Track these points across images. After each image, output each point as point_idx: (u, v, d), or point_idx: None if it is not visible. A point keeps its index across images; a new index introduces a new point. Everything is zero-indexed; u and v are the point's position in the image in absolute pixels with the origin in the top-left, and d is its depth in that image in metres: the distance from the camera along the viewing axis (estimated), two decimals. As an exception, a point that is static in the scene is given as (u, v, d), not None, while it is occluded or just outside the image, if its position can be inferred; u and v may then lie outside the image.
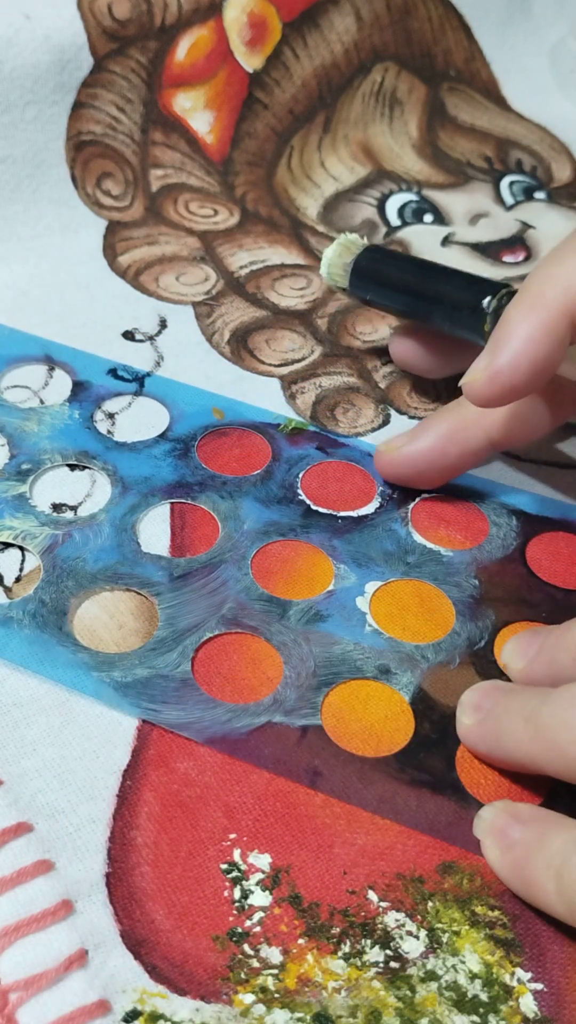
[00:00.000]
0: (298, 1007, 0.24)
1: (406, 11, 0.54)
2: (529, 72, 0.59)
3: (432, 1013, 0.25)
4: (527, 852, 0.26)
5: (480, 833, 0.27)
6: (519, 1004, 0.25)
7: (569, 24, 0.61)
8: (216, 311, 0.44)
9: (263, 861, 0.27)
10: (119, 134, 0.49)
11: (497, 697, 0.29)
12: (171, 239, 0.48)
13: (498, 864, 0.27)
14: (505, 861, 0.26)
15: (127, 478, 0.36)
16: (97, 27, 0.47)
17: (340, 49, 0.53)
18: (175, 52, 0.49)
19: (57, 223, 0.47)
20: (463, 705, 0.29)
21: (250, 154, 0.51)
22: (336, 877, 0.27)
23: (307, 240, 0.49)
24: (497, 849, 0.27)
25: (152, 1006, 0.24)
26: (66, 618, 0.32)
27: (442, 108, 0.56)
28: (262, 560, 0.34)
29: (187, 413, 0.39)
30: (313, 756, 0.29)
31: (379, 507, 0.36)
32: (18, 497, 0.35)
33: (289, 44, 0.52)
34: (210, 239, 0.48)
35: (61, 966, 0.25)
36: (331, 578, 0.34)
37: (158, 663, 0.31)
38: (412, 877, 0.27)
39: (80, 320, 0.43)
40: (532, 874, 0.26)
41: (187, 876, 0.27)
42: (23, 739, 0.29)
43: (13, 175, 0.46)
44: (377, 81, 0.54)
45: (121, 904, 0.26)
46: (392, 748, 0.30)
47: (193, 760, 0.29)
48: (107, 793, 0.28)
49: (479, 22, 0.57)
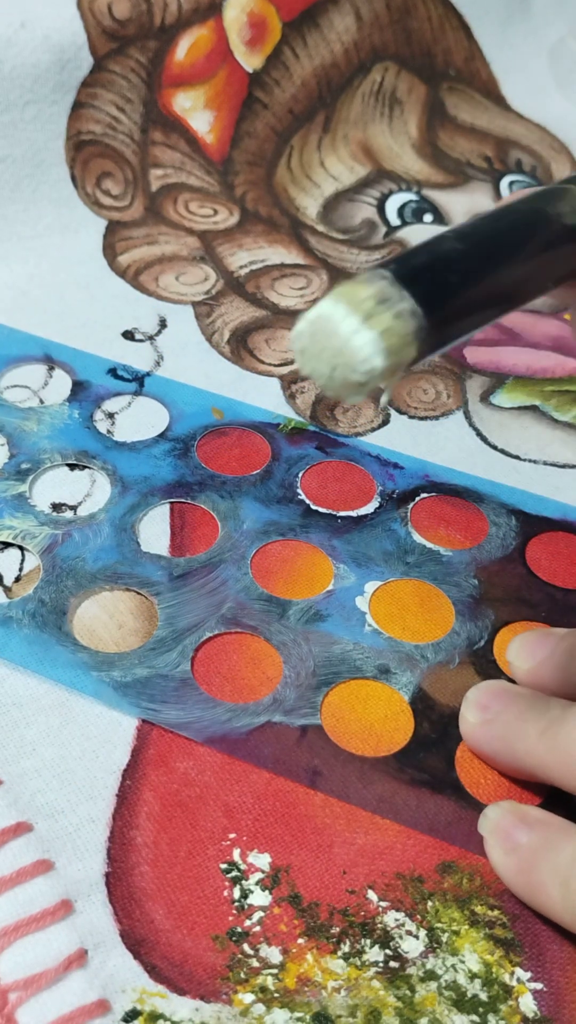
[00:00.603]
0: (298, 1007, 0.24)
1: (406, 11, 0.54)
2: (529, 72, 0.59)
3: (432, 1013, 0.25)
4: (533, 857, 0.26)
5: (484, 831, 0.27)
6: (518, 1004, 0.25)
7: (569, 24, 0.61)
8: (216, 311, 0.44)
9: (263, 861, 0.27)
10: (119, 134, 0.49)
11: (507, 701, 0.29)
12: (171, 239, 0.48)
13: (501, 865, 0.27)
14: (509, 862, 0.26)
15: (127, 478, 0.36)
16: (97, 27, 0.47)
17: (340, 49, 0.53)
18: (175, 52, 0.49)
19: (57, 223, 0.47)
20: (468, 702, 0.29)
21: (250, 154, 0.51)
22: (336, 877, 0.27)
23: (307, 240, 0.49)
24: (501, 849, 0.27)
25: (152, 1006, 0.24)
26: (66, 618, 0.32)
27: (442, 108, 0.56)
28: (262, 560, 0.34)
29: (187, 413, 0.39)
30: (313, 756, 0.29)
31: (379, 507, 0.36)
32: (18, 497, 0.35)
33: (289, 44, 0.52)
34: (210, 239, 0.48)
35: (61, 966, 0.25)
36: (331, 578, 0.34)
37: (158, 663, 0.31)
38: (412, 877, 0.27)
39: (80, 320, 0.43)
40: (537, 879, 0.26)
41: (187, 876, 0.27)
42: (23, 739, 0.29)
43: (13, 175, 0.46)
44: (377, 81, 0.54)
45: (121, 904, 0.26)
46: (392, 748, 0.30)
47: (193, 760, 0.29)
48: (107, 793, 0.28)
49: (479, 22, 0.57)
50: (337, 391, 0.20)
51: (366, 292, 0.20)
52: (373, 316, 0.20)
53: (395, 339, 0.20)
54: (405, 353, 0.20)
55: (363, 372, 0.20)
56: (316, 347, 0.20)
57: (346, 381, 0.20)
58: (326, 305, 0.20)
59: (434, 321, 0.20)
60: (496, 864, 0.27)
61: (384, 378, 0.20)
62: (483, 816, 0.28)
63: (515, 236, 0.23)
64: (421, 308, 0.20)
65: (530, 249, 0.22)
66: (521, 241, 0.22)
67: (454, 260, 0.21)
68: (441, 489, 0.37)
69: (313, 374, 0.20)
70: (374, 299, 0.20)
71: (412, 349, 0.20)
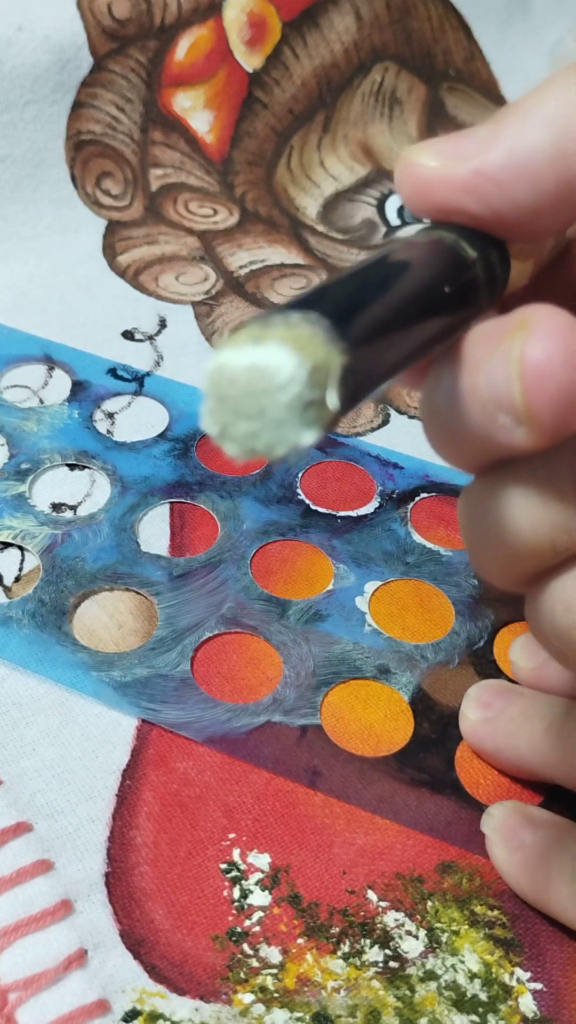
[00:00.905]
0: (297, 1007, 0.24)
1: (406, 11, 0.54)
2: (529, 72, 0.59)
3: (431, 1013, 0.25)
4: (539, 855, 0.26)
5: (488, 830, 0.27)
6: (518, 1004, 0.25)
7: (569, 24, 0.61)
8: (216, 311, 0.44)
9: (262, 861, 0.27)
10: (119, 133, 0.49)
11: (509, 698, 0.29)
12: (171, 239, 0.48)
13: (505, 863, 0.27)
14: (513, 861, 0.26)
15: (126, 478, 0.36)
16: (97, 26, 0.47)
17: (340, 49, 0.53)
18: (175, 51, 0.49)
19: (57, 223, 0.47)
20: (469, 699, 0.29)
21: (250, 154, 0.51)
22: (335, 877, 0.27)
23: (307, 240, 0.49)
24: (505, 848, 0.27)
25: (151, 1006, 0.24)
26: (65, 618, 0.32)
27: (442, 108, 0.56)
28: (261, 560, 0.34)
29: (186, 413, 0.39)
30: (312, 756, 0.29)
31: (378, 507, 0.36)
32: (17, 497, 0.35)
33: (289, 44, 0.52)
34: (209, 239, 0.48)
35: (60, 966, 0.24)
36: (330, 578, 0.34)
37: (157, 663, 0.31)
38: (411, 877, 0.27)
39: (80, 320, 0.43)
40: (543, 877, 0.26)
41: (186, 876, 0.26)
42: (22, 739, 0.29)
43: (13, 175, 0.46)
44: (377, 81, 0.54)
45: (120, 904, 0.26)
46: (391, 748, 0.30)
47: (192, 760, 0.29)
48: (106, 793, 0.28)
49: (479, 22, 0.57)
50: (267, 443, 0.16)
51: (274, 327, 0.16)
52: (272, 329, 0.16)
53: (315, 352, 0.16)
54: (328, 366, 0.16)
55: (289, 397, 0.16)
56: (228, 404, 0.16)
57: (276, 410, 0.16)
58: (225, 352, 0.16)
59: (352, 335, 0.16)
60: (499, 862, 0.27)
61: (312, 391, 0.16)
62: (487, 815, 0.28)
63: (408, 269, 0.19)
64: (330, 322, 0.16)
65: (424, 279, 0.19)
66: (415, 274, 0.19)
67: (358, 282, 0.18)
68: (441, 489, 0.37)
69: (233, 440, 0.16)
70: (264, 324, 0.16)
71: (335, 358, 0.16)
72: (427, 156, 0.20)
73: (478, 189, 0.20)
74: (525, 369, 0.18)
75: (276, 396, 0.16)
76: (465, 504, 0.22)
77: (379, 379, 0.18)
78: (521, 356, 0.18)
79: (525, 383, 0.18)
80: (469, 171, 0.20)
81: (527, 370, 0.18)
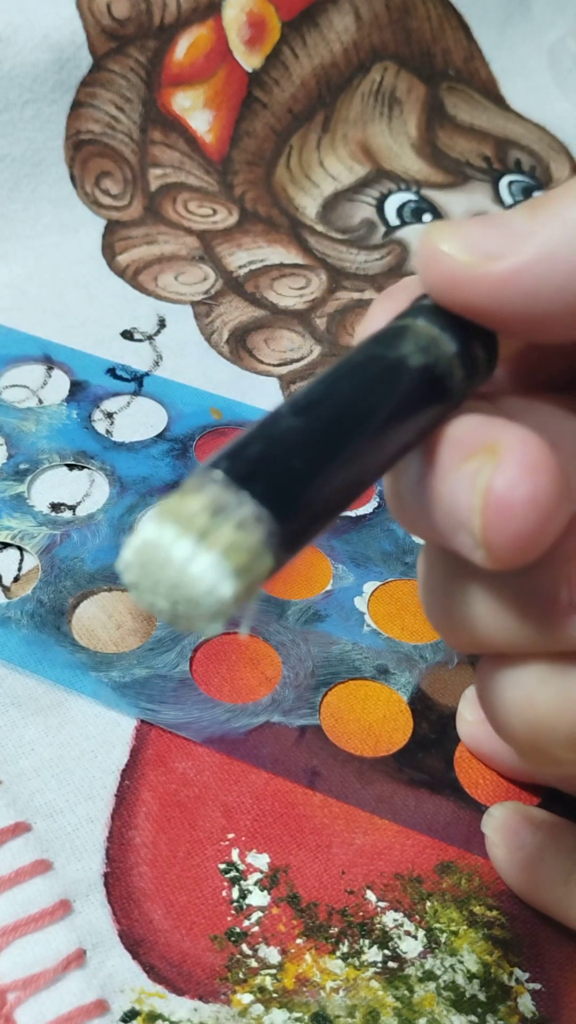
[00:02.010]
0: (296, 1007, 0.24)
1: (405, 10, 0.54)
2: (528, 72, 0.59)
3: (430, 1013, 0.25)
4: (540, 856, 0.26)
5: (489, 830, 0.27)
6: (517, 1004, 0.25)
7: (568, 24, 0.61)
8: (215, 311, 0.44)
9: (261, 861, 0.27)
10: (118, 133, 0.49)
11: None
12: (170, 238, 0.48)
13: (505, 863, 0.27)
14: (514, 861, 0.26)
15: (125, 478, 0.36)
16: (96, 26, 0.47)
17: (339, 48, 0.53)
18: (174, 51, 0.49)
19: (56, 222, 0.47)
20: (467, 700, 0.29)
21: (249, 153, 0.51)
22: (334, 877, 0.27)
23: (306, 240, 0.49)
24: (506, 848, 0.27)
25: (150, 1006, 0.24)
26: (64, 618, 0.32)
27: (441, 107, 0.56)
28: (261, 560, 0.34)
29: (185, 413, 0.39)
30: (311, 756, 0.29)
31: (377, 507, 0.36)
32: (16, 497, 0.35)
33: (288, 43, 0.52)
34: (209, 238, 0.48)
35: (59, 966, 0.24)
36: (329, 578, 0.34)
37: (156, 663, 0.31)
38: (410, 877, 0.27)
39: (79, 319, 0.43)
40: (544, 877, 0.26)
41: (185, 876, 0.26)
42: (21, 739, 0.29)
43: (12, 174, 0.46)
44: (376, 80, 0.54)
45: (119, 904, 0.26)
46: (390, 748, 0.30)
47: (191, 760, 0.29)
48: (105, 793, 0.28)
49: (478, 22, 0.57)
50: (186, 626, 0.16)
51: (196, 504, 0.16)
52: (210, 533, 0.15)
53: (242, 556, 0.16)
54: (259, 568, 0.16)
55: (211, 604, 0.16)
56: (149, 581, 0.16)
57: (193, 616, 0.16)
58: (151, 528, 0.16)
59: (286, 521, 0.16)
60: (499, 862, 0.27)
61: (239, 602, 0.16)
62: (488, 815, 0.28)
63: (359, 397, 0.18)
64: (266, 509, 0.16)
65: (379, 409, 0.18)
66: (366, 401, 0.18)
67: (294, 441, 0.17)
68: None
69: (152, 610, 0.16)
70: (207, 511, 0.16)
71: (266, 560, 0.16)
72: (456, 247, 0.19)
73: (510, 293, 0.18)
74: (488, 503, 0.17)
75: (197, 605, 0.16)
76: (423, 566, 0.21)
77: (323, 531, 0.18)
78: (485, 489, 0.17)
79: (486, 518, 0.17)
80: (504, 272, 0.18)
81: (490, 505, 0.17)
